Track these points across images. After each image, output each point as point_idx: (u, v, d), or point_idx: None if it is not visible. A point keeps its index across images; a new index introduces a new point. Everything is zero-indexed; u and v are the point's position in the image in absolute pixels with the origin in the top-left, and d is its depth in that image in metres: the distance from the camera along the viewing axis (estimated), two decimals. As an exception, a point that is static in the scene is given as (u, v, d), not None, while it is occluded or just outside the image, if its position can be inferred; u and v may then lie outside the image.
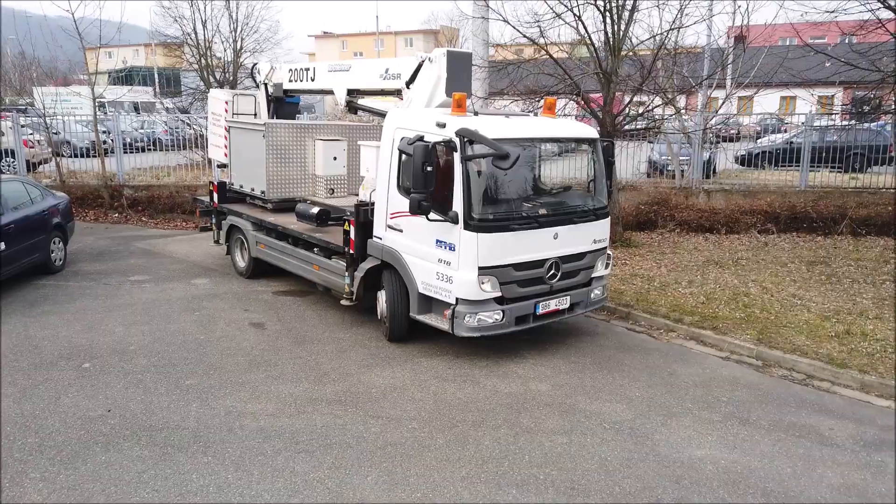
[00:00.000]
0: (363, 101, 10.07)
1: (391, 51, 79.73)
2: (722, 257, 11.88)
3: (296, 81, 11.11)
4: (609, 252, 8.38)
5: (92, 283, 10.30)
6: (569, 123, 8.69)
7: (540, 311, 7.53)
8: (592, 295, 8.14)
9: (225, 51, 23.41)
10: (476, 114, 7.58)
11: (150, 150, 19.72)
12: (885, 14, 10.95)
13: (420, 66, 8.46)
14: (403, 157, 7.33)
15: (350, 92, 10.01)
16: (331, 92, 10.42)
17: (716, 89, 17.48)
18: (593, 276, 8.13)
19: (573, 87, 12.37)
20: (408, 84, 8.67)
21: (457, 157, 6.94)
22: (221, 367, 7.15)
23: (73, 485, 4.94)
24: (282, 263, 9.86)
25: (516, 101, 14.11)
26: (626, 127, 13.11)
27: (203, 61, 22.65)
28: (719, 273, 10.85)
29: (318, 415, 6.14)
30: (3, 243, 9.32)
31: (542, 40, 12.15)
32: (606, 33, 11.95)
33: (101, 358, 7.35)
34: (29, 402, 6.26)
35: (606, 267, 8.33)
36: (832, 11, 11.36)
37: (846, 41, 12.96)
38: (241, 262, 10.88)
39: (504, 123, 7.44)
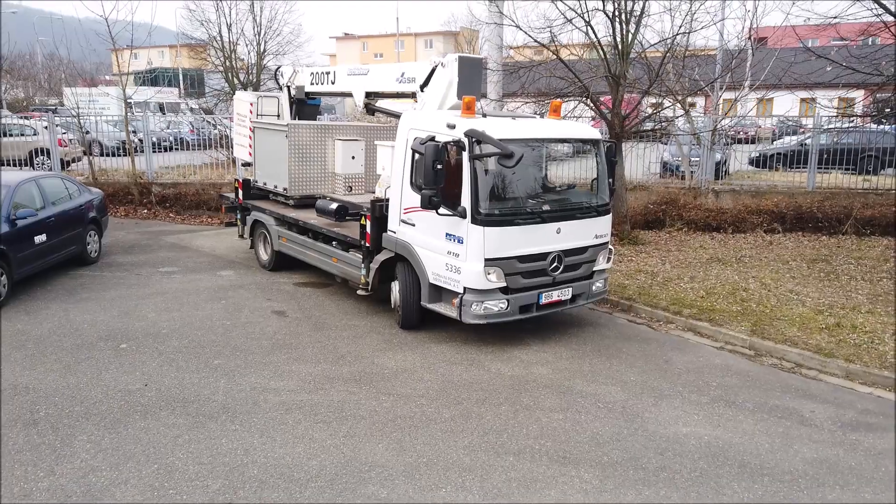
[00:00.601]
0: (380, 104, 10.64)
1: (411, 52, 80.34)
2: (726, 255, 12.27)
3: (317, 84, 11.68)
4: (611, 247, 8.84)
5: (125, 274, 10.97)
6: (572, 125, 9.16)
7: (543, 301, 8.03)
8: (594, 287, 8.61)
9: (249, 53, 24.19)
10: (485, 115, 8.10)
11: (176, 149, 20.43)
12: (889, 18, 11.29)
13: (433, 70, 8.98)
14: (416, 155, 7.86)
15: (368, 94, 10.57)
16: (350, 94, 10.98)
17: (731, 91, 17.84)
18: (595, 269, 8.59)
19: (583, 90, 12.85)
20: (422, 87, 9.19)
21: (465, 155, 7.46)
22: (246, 349, 7.74)
23: (117, 446, 5.54)
24: (302, 256, 10.45)
25: (527, 103, 14.59)
26: (635, 128, 13.51)
27: (227, 63, 23.42)
28: (721, 270, 11.25)
29: (334, 391, 6.70)
30: (45, 235, 10.01)
31: (552, 45, 12.60)
32: (614, 38, 12.40)
33: (136, 340, 7.97)
34: (73, 376, 6.89)
35: (608, 261, 8.79)
36: (835, 17, 11.71)
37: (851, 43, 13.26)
38: (265, 255, 11.49)
39: (510, 125, 7.94)
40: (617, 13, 12.35)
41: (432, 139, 7.59)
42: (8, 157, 17.87)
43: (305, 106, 12.45)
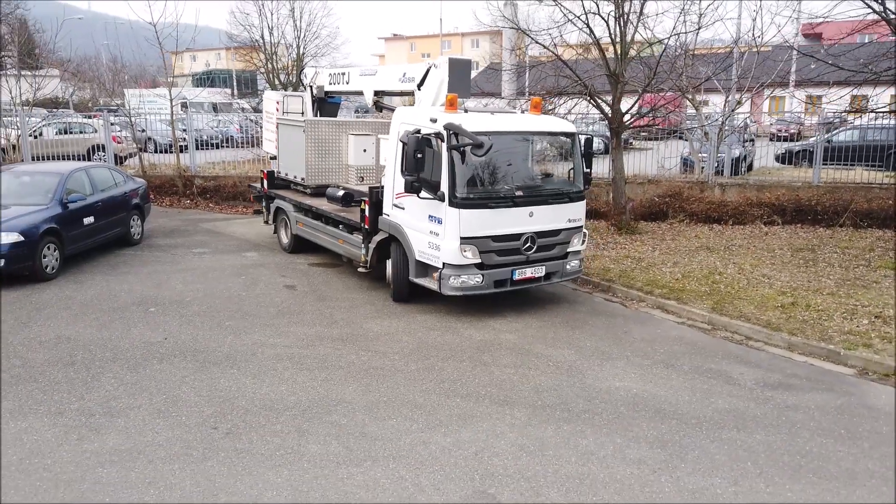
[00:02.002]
0: (387, 101, 11.72)
1: (457, 51, 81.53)
2: (717, 244, 12.91)
3: (334, 84, 12.86)
4: (585, 231, 9.69)
5: (162, 254, 12.35)
6: (548, 119, 10.00)
7: (517, 276, 8.96)
8: (568, 266, 9.49)
9: (289, 55, 25.67)
10: (466, 111, 9.09)
11: (224, 146, 21.91)
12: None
13: (428, 71, 10.02)
14: (402, 146, 8.89)
15: (376, 93, 11.67)
16: (361, 93, 12.10)
17: (778, 88, 18.17)
18: (569, 250, 9.47)
19: (585, 88, 13.67)
20: (419, 86, 10.24)
21: (444, 146, 8.46)
22: (254, 314, 8.92)
23: (135, 382, 6.76)
24: (315, 239, 11.62)
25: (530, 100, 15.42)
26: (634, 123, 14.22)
27: (269, 65, 24.94)
28: (706, 256, 11.94)
29: (322, 347, 7.80)
30: (92, 217, 11.45)
31: (553, 46, 13.46)
32: (612, 39, 13.18)
33: (163, 305, 9.25)
34: (107, 331, 8.19)
35: (582, 243, 9.65)
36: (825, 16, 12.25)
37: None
38: (285, 239, 12.71)
39: (485, 119, 8.90)
40: (616, 15, 13.13)
41: (418, 132, 8.62)
42: (70, 152, 19.63)
43: (326, 104, 13.66)
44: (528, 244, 8.94)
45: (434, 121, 8.63)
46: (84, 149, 20.94)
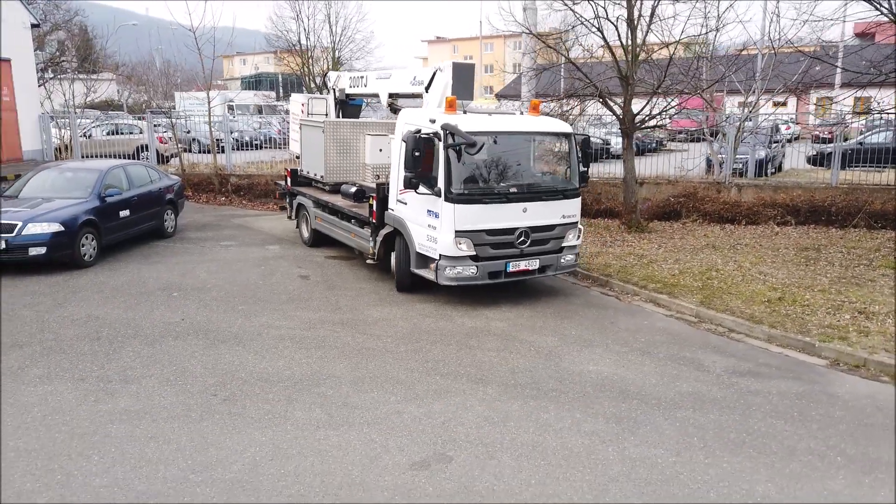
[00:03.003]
0: (400, 103, 12.34)
1: (499, 54, 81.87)
2: (724, 243, 13.15)
3: (354, 87, 13.56)
4: (580, 226, 10.13)
5: (192, 246, 13.24)
6: (544, 120, 10.43)
7: (510, 269, 9.47)
8: (562, 260, 9.95)
9: (325, 59, 26.59)
10: (465, 112, 9.64)
11: (265, 147, 22.82)
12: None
13: (434, 74, 10.61)
14: (404, 145, 9.49)
15: (391, 95, 12.32)
16: (377, 95, 12.76)
17: (823, 89, 18.16)
18: (564, 245, 9.93)
19: (596, 90, 14.07)
20: (426, 89, 10.83)
21: (440, 145, 9.04)
22: (266, 300, 9.65)
23: (150, 355, 7.52)
24: (331, 233, 12.33)
25: (544, 101, 15.88)
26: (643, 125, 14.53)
27: (305, 68, 25.91)
28: (709, 254, 12.21)
29: (322, 330, 8.46)
30: (128, 210, 12.39)
31: (564, 50, 13.89)
32: (622, 43, 13.55)
33: (185, 291, 10.06)
34: (132, 312, 9.01)
35: (577, 238, 10.09)
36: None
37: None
38: (306, 233, 13.47)
39: (481, 120, 9.44)
40: (626, 18, 13.50)
41: (419, 131, 9.21)
42: (118, 151, 20.86)
43: (348, 106, 14.39)
44: (522, 238, 9.44)
45: (433, 121, 9.21)
46: (131, 149, 22.18)
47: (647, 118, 14.11)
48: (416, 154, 8.94)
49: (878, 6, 11.57)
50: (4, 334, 8.12)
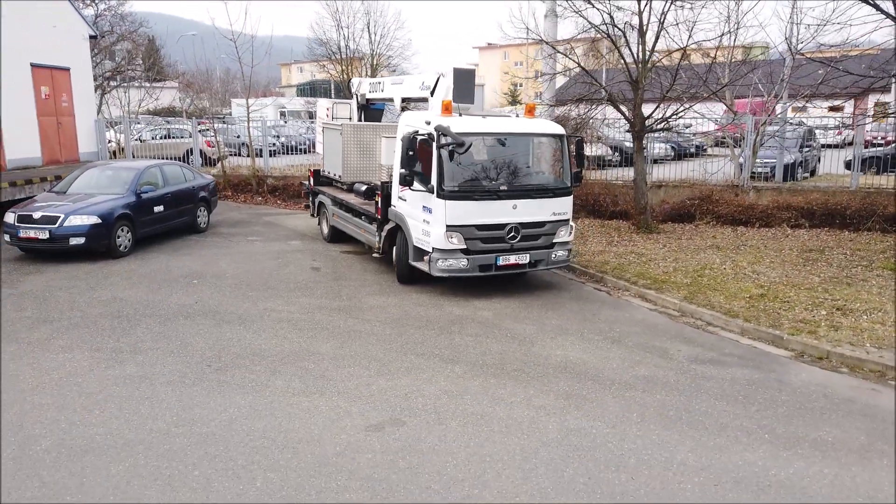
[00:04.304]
0: (413, 106, 13.04)
1: (549, 59, 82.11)
2: (729, 244, 13.35)
3: (373, 92, 14.34)
4: (572, 223, 10.60)
5: (221, 240, 14.23)
6: (537, 122, 10.89)
7: (500, 262, 10.02)
8: (554, 256, 10.43)
9: (364, 66, 27.59)
10: (461, 115, 10.26)
11: (312, 151, 23.76)
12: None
13: (438, 79, 11.26)
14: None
15: (404, 100, 13.02)
16: (391, 100, 13.50)
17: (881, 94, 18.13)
18: (555, 241, 10.41)
19: (610, 94, 14.49)
20: (431, 93, 11.49)
21: (434, 145, 9.68)
22: (275, 288, 10.46)
23: (161, 331, 8.39)
24: (345, 229, 13.10)
25: (550, 106, 16.34)
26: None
27: (345, 75, 26.96)
28: (710, 254, 12.46)
29: (319, 314, 9.20)
30: (162, 206, 13.45)
31: (578, 56, 14.34)
32: (631, 52, 13.94)
33: (205, 278, 10.97)
34: (154, 295, 9.95)
35: (569, 234, 10.56)
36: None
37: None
38: (325, 230, 14.30)
39: (472, 122, 10.03)
40: (638, 26, 13.88)
41: (416, 133, 9.88)
42: (168, 154, 22.20)
43: (370, 110, 15.17)
44: (512, 234, 9.98)
45: (428, 123, 9.86)
46: (181, 152, 23.53)
47: (656, 122, 14.42)
48: (410, 153, 9.60)
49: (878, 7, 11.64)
50: (38, 312, 9.15)
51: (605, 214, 16.28)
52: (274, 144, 25.71)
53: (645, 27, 13.84)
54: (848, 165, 19.69)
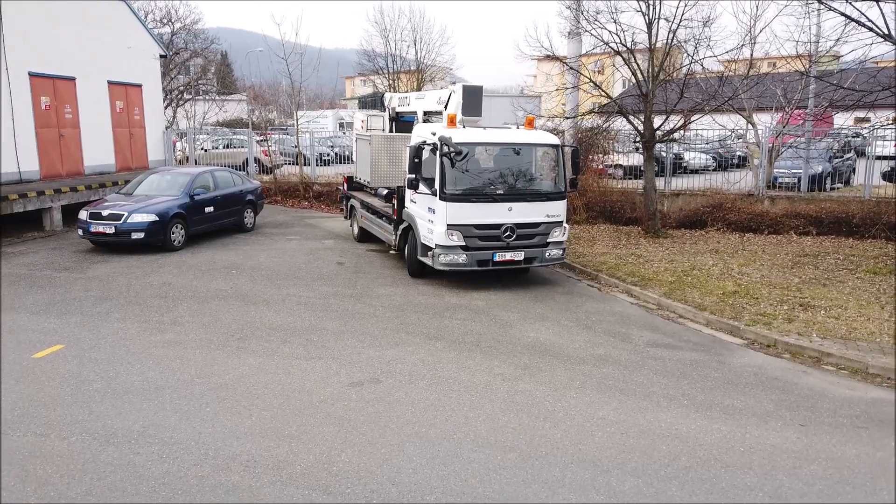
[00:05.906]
0: (434, 119, 14.37)
1: (608, 72, 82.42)
2: (729, 248, 14.11)
3: (402, 106, 15.76)
4: (565, 225, 11.69)
5: (263, 238, 15.89)
6: (535, 133, 11.97)
7: (497, 258, 11.19)
8: (548, 254, 11.52)
9: (410, 80, 29.16)
10: (464, 126, 11.53)
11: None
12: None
13: (450, 95, 12.56)
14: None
15: (426, 113, 14.38)
16: (414, 113, 14.87)
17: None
18: (550, 240, 11.51)
19: (621, 107, 15.48)
20: (445, 107, 12.80)
21: (438, 153, 10.97)
22: (300, 278, 11.94)
23: (197, 310, 9.95)
24: (370, 229, 14.53)
25: (566, 118, 17.36)
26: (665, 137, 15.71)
27: (391, 90, 28.58)
28: (706, 257, 13.28)
29: (332, 300, 10.59)
30: (212, 207, 15.20)
31: (585, 71, 15.39)
32: (638, 65, 14.90)
33: (242, 269, 12.56)
34: (197, 281, 11.58)
35: (563, 234, 11.64)
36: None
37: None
38: (355, 230, 15.77)
39: (473, 133, 11.26)
40: (649, 45, 14.85)
41: (423, 142, 11.21)
42: (228, 163, 24.26)
43: (401, 122, 16.59)
44: (508, 233, 11.14)
45: (434, 134, 11.17)
46: (240, 160, 25.62)
47: (665, 133, 15.30)
48: (416, 160, 10.93)
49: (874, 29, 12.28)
50: (101, 292, 10.88)
51: (620, 220, 17.19)
52: (329, 154, 27.62)
53: (653, 44, 14.79)
54: (885, 177, 19.94)
